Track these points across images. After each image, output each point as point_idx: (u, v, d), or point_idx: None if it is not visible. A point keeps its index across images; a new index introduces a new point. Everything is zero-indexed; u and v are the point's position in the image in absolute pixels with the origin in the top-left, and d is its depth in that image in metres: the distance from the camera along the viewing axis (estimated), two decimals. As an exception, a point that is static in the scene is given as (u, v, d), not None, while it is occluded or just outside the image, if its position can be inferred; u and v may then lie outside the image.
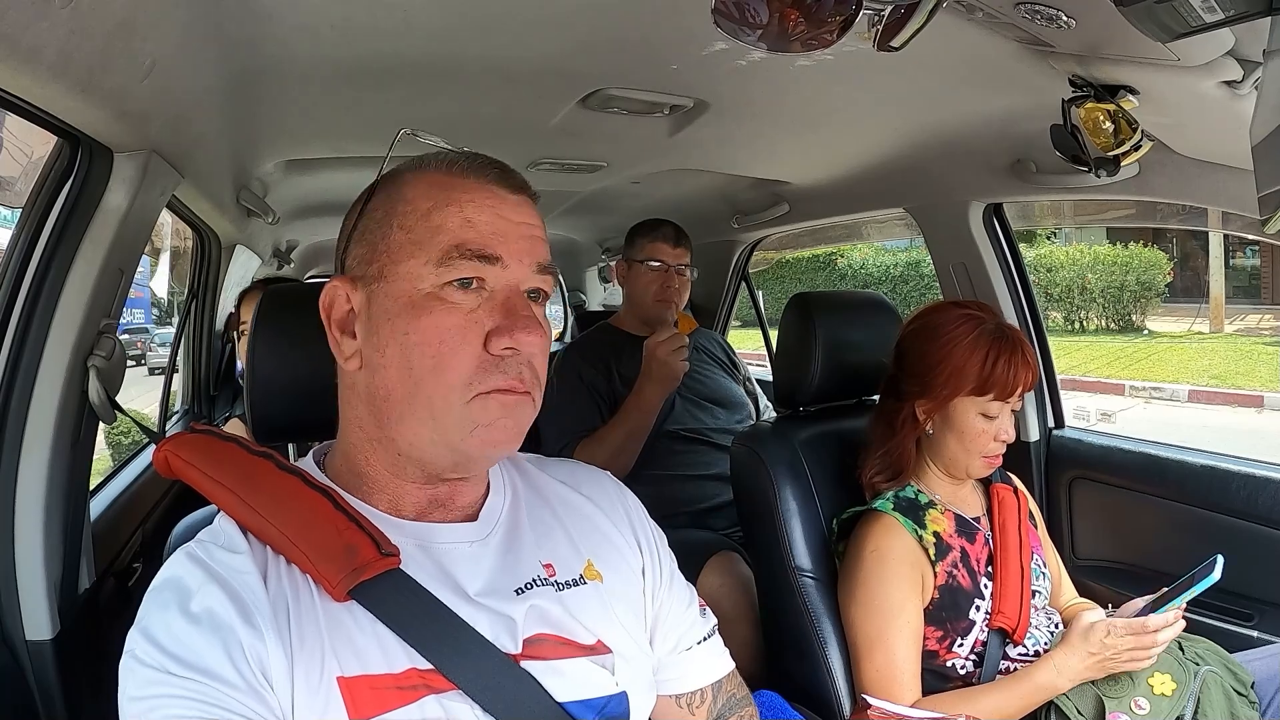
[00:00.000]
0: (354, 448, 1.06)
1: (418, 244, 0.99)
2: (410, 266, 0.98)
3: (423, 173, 1.04)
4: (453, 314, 0.97)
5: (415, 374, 0.97)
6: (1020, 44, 1.57)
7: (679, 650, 1.21)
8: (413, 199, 1.02)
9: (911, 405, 1.86)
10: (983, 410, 1.79)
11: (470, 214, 0.99)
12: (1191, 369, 12.62)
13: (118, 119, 1.53)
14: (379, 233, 1.02)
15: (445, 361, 0.96)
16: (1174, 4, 1.04)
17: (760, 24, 1.04)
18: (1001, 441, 1.82)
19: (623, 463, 2.50)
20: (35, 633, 1.61)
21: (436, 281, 0.97)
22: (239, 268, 3.87)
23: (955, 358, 1.79)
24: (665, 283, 2.83)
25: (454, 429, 0.97)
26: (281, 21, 1.59)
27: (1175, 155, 1.93)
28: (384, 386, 1.00)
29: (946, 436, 1.84)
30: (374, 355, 1.00)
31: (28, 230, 1.62)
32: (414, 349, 0.97)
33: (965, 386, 1.78)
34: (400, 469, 1.04)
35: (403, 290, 0.99)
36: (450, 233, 0.98)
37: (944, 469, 1.87)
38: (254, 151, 2.60)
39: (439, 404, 0.97)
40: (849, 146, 2.65)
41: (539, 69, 1.94)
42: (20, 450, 1.61)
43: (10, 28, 1.06)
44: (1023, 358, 1.78)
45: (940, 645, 1.76)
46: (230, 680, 0.87)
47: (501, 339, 0.97)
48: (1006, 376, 1.76)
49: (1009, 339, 1.79)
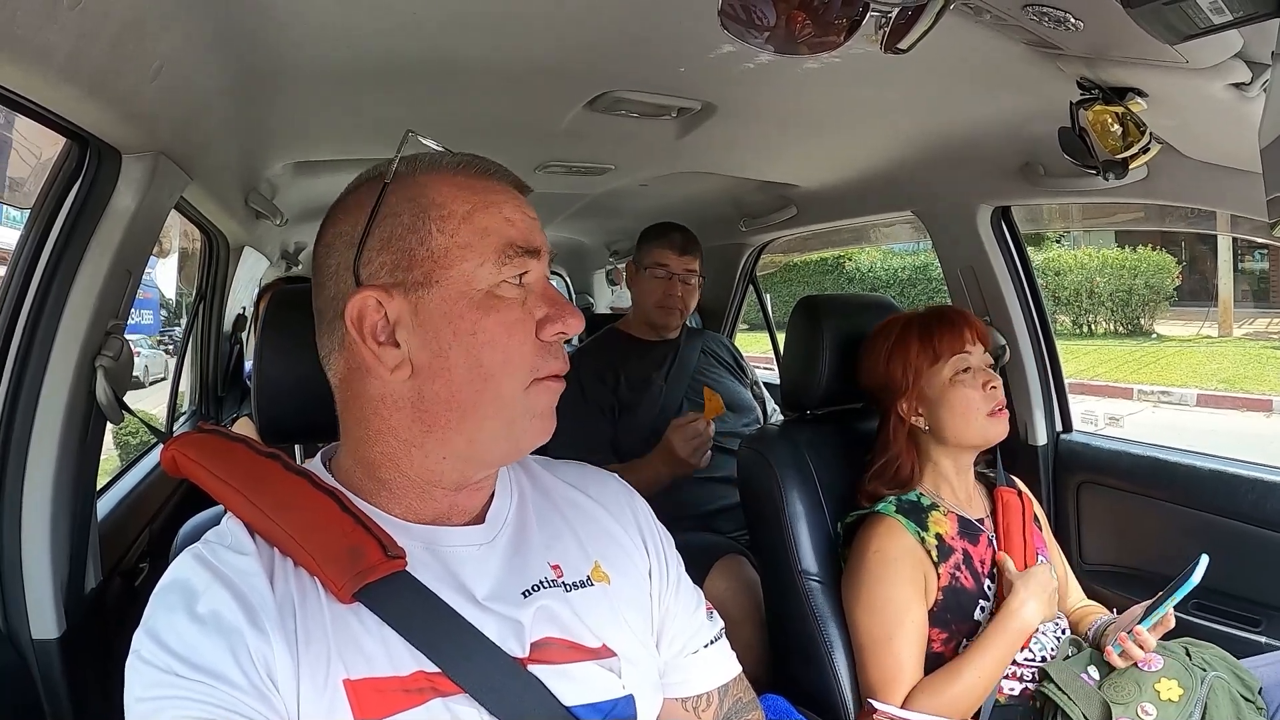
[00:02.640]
0: (381, 456, 1.04)
1: (467, 246, 0.99)
2: (465, 269, 0.99)
3: (439, 175, 1.04)
4: (512, 309, 1.00)
5: (486, 370, 0.99)
6: (1028, 46, 1.56)
7: (685, 653, 1.21)
8: (444, 202, 1.01)
9: (895, 411, 1.92)
10: (953, 370, 1.86)
11: (508, 213, 1.02)
12: (1200, 373, 12.58)
13: (126, 120, 1.54)
14: (413, 238, 1.00)
15: (513, 354, 0.99)
16: (1182, 6, 1.03)
17: (767, 26, 1.04)
18: (992, 389, 1.86)
19: None
20: (42, 631, 1.61)
21: (494, 280, 0.99)
22: (247, 269, 3.88)
23: (897, 348, 1.91)
24: (669, 290, 2.85)
25: (519, 418, 1.01)
26: (290, 24, 1.59)
27: (1183, 158, 1.92)
28: (445, 389, 0.99)
29: (940, 415, 1.87)
30: (432, 360, 0.99)
31: (36, 231, 1.62)
32: (484, 347, 0.98)
33: (921, 362, 1.88)
34: (434, 474, 1.04)
35: (461, 292, 0.99)
36: (498, 233, 1.00)
37: (957, 448, 1.90)
38: (262, 153, 2.60)
39: (507, 395, 1.00)
40: (857, 149, 2.64)
41: (547, 71, 1.94)
42: (28, 449, 1.61)
43: (20, 29, 1.07)
44: (956, 314, 1.92)
45: (945, 647, 1.76)
46: (235, 682, 0.87)
47: (554, 325, 1.02)
48: (947, 332, 1.88)
49: (934, 309, 1.95)
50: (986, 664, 1.70)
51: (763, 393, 3.14)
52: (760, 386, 3.16)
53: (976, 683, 1.69)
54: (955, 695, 1.69)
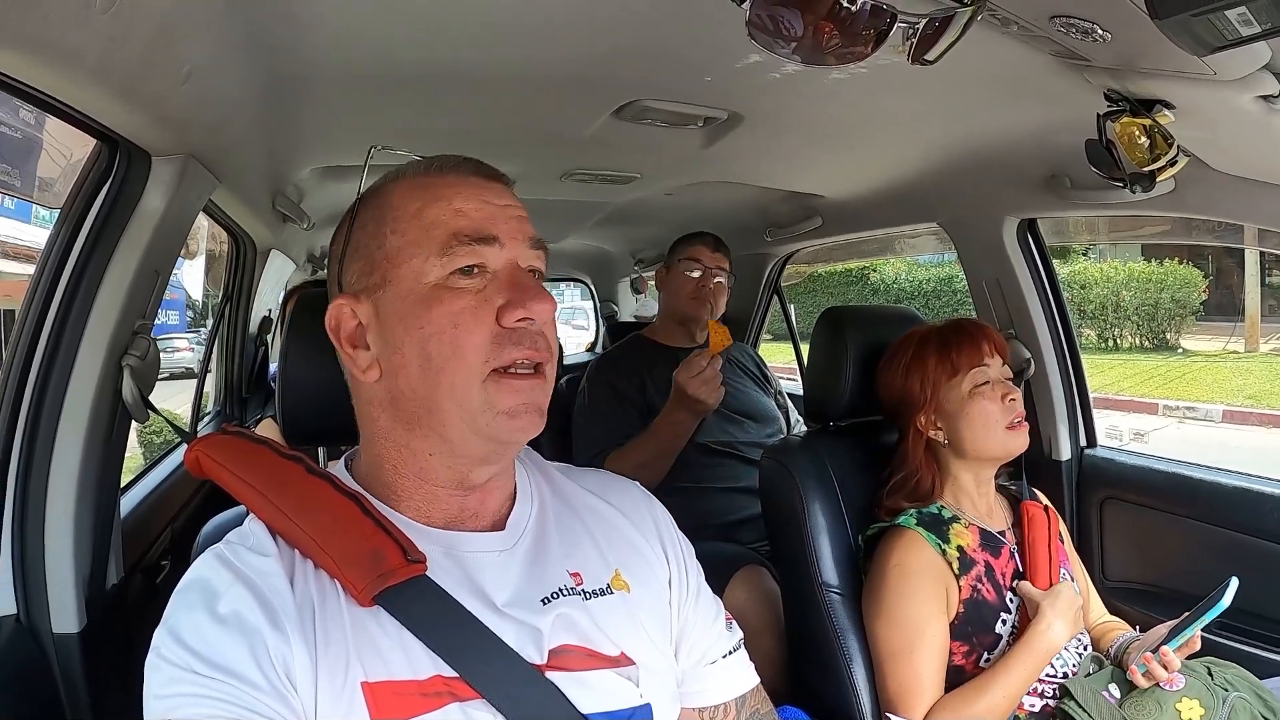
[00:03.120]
0: (380, 459, 1.07)
1: (415, 243, 1.02)
2: (413, 265, 1.01)
3: (402, 179, 1.08)
4: (462, 297, 1.00)
5: (435, 363, 0.99)
6: (1055, 57, 1.55)
7: (704, 663, 1.21)
8: (399, 204, 1.05)
9: (913, 424, 1.91)
10: (972, 385, 1.85)
11: (459, 204, 1.03)
12: (1226, 388, 12.45)
13: (156, 123, 1.55)
14: (373, 243, 1.05)
15: (462, 343, 0.98)
16: (1210, 18, 1.03)
17: (795, 37, 1.05)
18: (1011, 401, 1.85)
19: (650, 476, 2.48)
20: (63, 625, 1.63)
21: (441, 273, 1.00)
22: (273, 272, 3.91)
23: (915, 361, 1.91)
24: (701, 283, 2.87)
25: (478, 412, 0.99)
26: (319, 30, 1.60)
27: (1211, 171, 1.90)
28: (406, 386, 1.01)
29: (958, 429, 1.86)
30: (391, 358, 1.02)
31: (65, 231, 1.64)
32: (430, 339, 0.99)
33: (941, 374, 1.87)
34: (430, 474, 1.05)
35: (410, 289, 1.01)
36: (444, 225, 1.01)
37: (977, 461, 1.88)
38: (289, 158, 2.62)
39: (460, 387, 0.99)
40: (883, 160, 2.64)
41: (574, 80, 1.94)
42: (53, 446, 1.63)
43: (52, 32, 1.08)
44: (974, 325, 1.90)
45: (967, 660, 1.75)
46: (254, 681, 0.88)
47: (515, 311, 0.99)
48: (965, 345, 1.87)
49: (951, 323, 1.93)
50: (1011, 683, 1.69)
51: (786, 403, 3.14)
52: (784, 396, 3.15)
53: (1000, 701, 1.68)
54: (977, 714, 1.67)
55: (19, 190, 2.56)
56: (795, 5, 1.01)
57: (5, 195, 4.96)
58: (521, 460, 1.19)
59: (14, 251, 6.25)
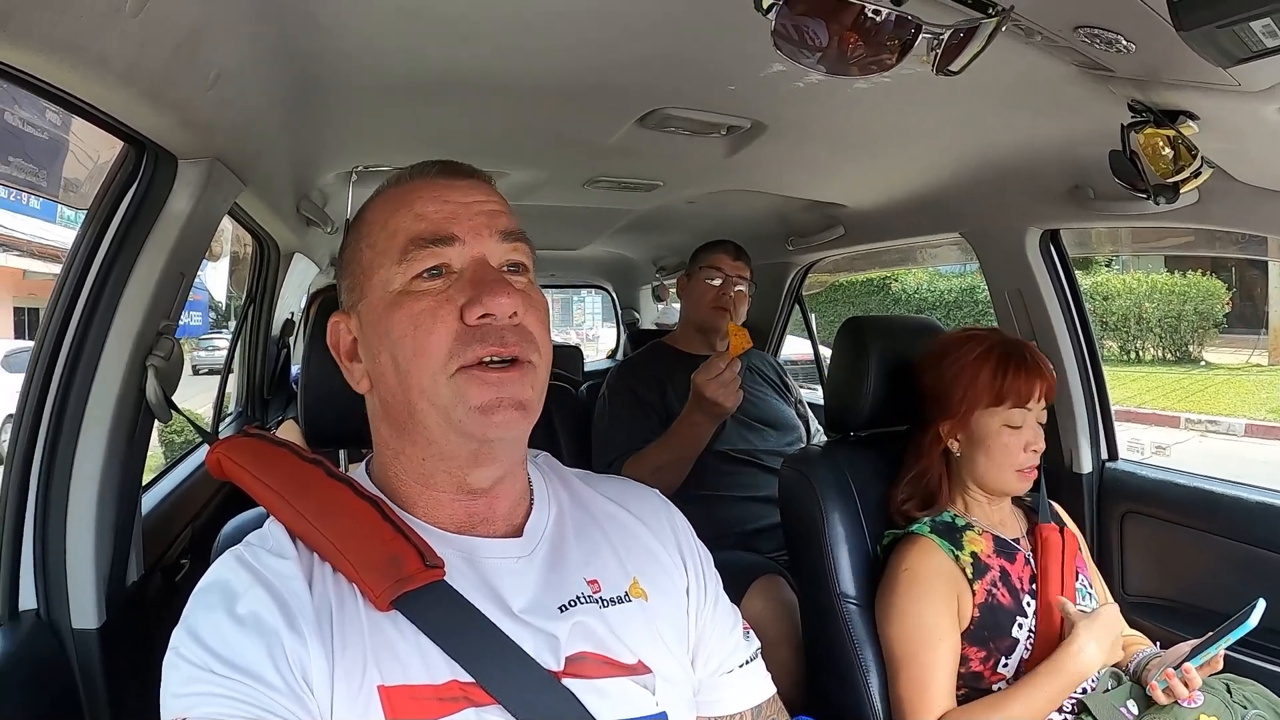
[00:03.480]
0: (386, 467, 1.09)
1: (382, 253, 1.04)
2: (380, 276, 1.03)
3: (379, 194, 1.11)
4: (422, 299, 1.00)
5: (402, 365, 1.00)
6: (1079, 68, 1.55)
7: (720, 672, 1.20)
8: (372, 218, 1.08)
9: (935, 427, 1.89)
10: (1005, 421, 1.82)
11: (420, 209, 1.04)
12: (1249, 402, 12.34)
13: (183, 127, 1.57)
14: (354, 260, 1.09)
15: (422, 342, 0.99)
16: (1235, 29, 1.03)
17: (819, 47, 1.05)
18: (1033, 451, 1.82)
19: (667, 480, 2.47)
20: (82, 621, 1.65)
21: (404, 279, 1.01)
22: (297, 275, 3.94)
23: (967, 371, 1.84)
24: (722, 291, 2.86)
25: (452, 408, 0.99)
26: (345, 36, 1.62)
27: (1236, 182, 1.89)
28: (388, 393, 1.04)
29: (975, 454, 1.85)
30: (373, 368, 1.05)
31: (92, 232, 1.66)
32: (397, 345, 1.00)
33: (982, 398, 1.82)
34: (429, 479, 1.06)
35: (379, 299, 1.03)
36: (404, 231, 1.03)
37: (981, 489, 1.87)
38: (315, 162, 2.64)
39: (429, 387, 0.99)
40: (906, 170, 2.63)
41: (598, 88, 1.95)
42: (77, 443, 1.65)
43: (82, 36, 1.10)
44: (1034, 363, 1.83)
45: (985, 666, 1.74)
46: (271, 682, 0.88)
47: (474, 308, 0.98)
48: (1019, 382, 1.80)
49: (1017, 348, 1.85)
50: (1036, 702, 1.67)
51: (806, 412, 3.13)
52: (804, 406, 3.15)
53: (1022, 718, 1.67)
54: None
55: (45, 190, 2.59)
56: (820, 15, 1.01)
57: (31, 195, 5.02)
58: (539, 467, 1.20)
59: (39, 251, 6.31)
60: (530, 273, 1.08)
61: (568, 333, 20.40)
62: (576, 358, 5.71)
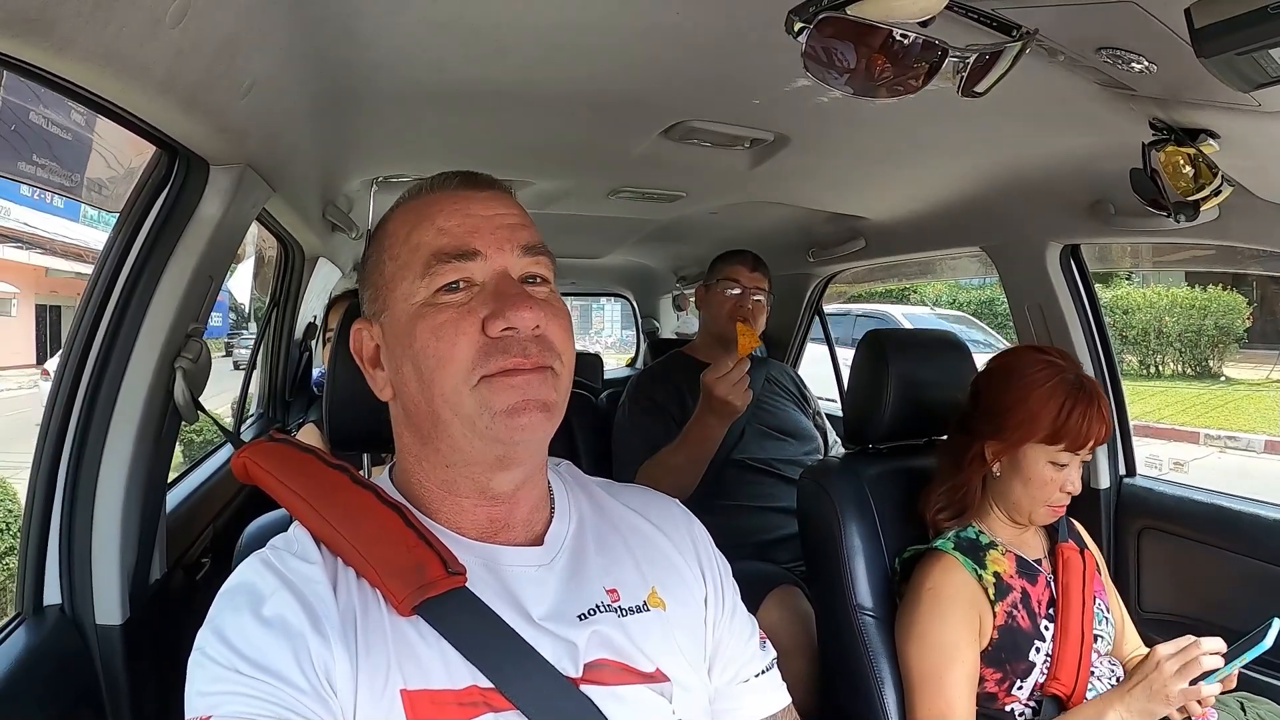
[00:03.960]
0: (408, 473, 1.11)
1: (405, 266, 1.05)
2: (404, 289, 1.05)
3: (400, 206, 1.12)
4: (444, 311, 1.01)
5: (425, 375, 1.01)
6: (1101, 86, 1.56)
7: (737, 681, 1.21)
8: (394, 230, 1.09)
9: (981, 445, 1.85)
10: (1052, 459, 1.77)
11: (441, 222, 1.05)
12: (1270, 418, 12.19)
13: (217, 134, 1.60)
14: (376, 271, 1.10)
15: (445, 354, 1.00)
16: (1255, 56, 1.04)
17: (848, 69, 1.06)
18: (1067, 493, 1.80)
19: (681, 483, 2.47)
20: (105, 617, 1.67)
21: (426, 293, 1.02)
22: (320, 279, 3.97)
23: (1031, 403, 1.77)
24: (740, 302, 2.84)
25: (477, 417, 0.99)
26: (377, 46, 1.64)
27: (1257, 200, 1.89)
28: (411, 403, 1.05)
29: (1013, 481, 1.81)
30: (397, 378, 1.07)
31: (124, 235, 1.68)
32: (419, 355, 1.01)
33: (1038, 433, 1.76)
34: (452, 485, 1.07)
35: (402, 311, 1.04)
36: (427, 245, 1.04)
37: (1007, 513, 1.85)
38: (342, 169, 2.67)
39: (451, 397, 1.00)
40: (928, 184, 2.64)
41: (624, 100, 1.97)
42: (105, 442, 1.67)
43: (124, 46, 1.12)
44: (1098, 410, 1.75)
45: (1000, 688, 1.74)
46: (296, 683, 0.90)
47: (497, 321, 0.99)
48: (1080, 428, 1.74)
49: (1086, 390, 1.77)
50: None
51: (824, 423, 3.12)
52: (822, 417, 3.14)
53: None
54: None
55: (72, 192, 2.62)
56: (849, 38, 1.02)
57: (57, 195, 5.07)
58: (561, 475, 1.21)
59: (62, 249, 6.38)
60: (551, 283, 1.09)
61: (585, 341, 20.40)
62: (596, 366, 5.73)
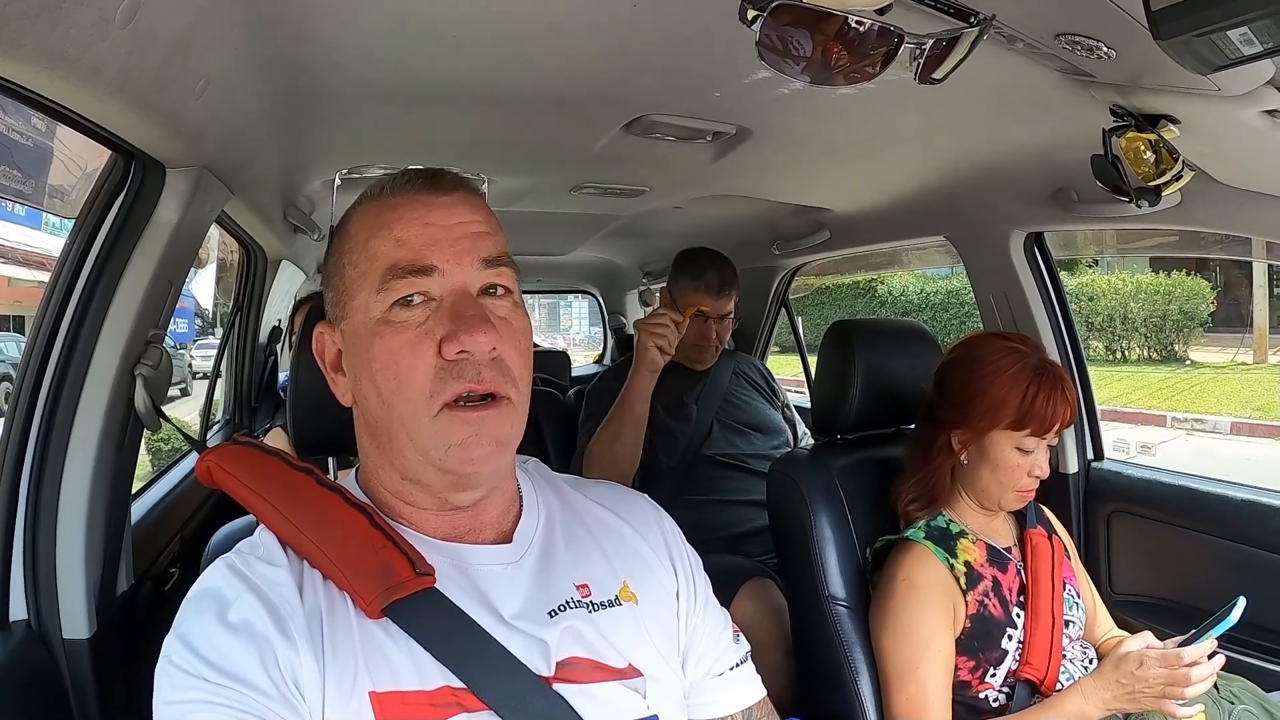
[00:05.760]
0: (369, 476, 1.10)
1: (363, 275, 1.03)
2: (361, 299, 1.03)
3: (361, 205, 1.09)
4: (402, 332, 0.99)
5: (385, 397, 1.00)
6: (1061, 74, 1.57)
7: (711, 675, 1.21)
8: (354, 233, 1.07)
9: (948, 433, 1.85)
10: (1018, 444, 1.78)
11: (399, 233, 1.02)
12: (1234, 400, 12.39)
13: (172, 136, 1.57)
14: (337, 274, 1.08)
15: (404, 378, 0.99)
16: (1212, 38, 1.05)
17: (804, 57, 1.05)
18: (1035, 477, 1.80)
19: (627, 453, 2.48)
20: (73, 631, 1.64)
21: (382, 307, 1.01)
22: (284, 282, 3.94)
23: (995, 389, 1.77)
24: (704, 333, 2.80)
25: (431, 448, 0.99)
26: (334, 44, 1.62)
27: (1217, 184, 1.91)
28: (371, 415, 1.04)
29: (980, 468, 1.82)
30: (356, 388, 1.06)
31: (80, 241, 1.66)
32: (378, 374, 1.00)
33: (1003, 419, 1.76)
34: (410, 497, 1.06)
35: (360, 323, 1.03)
36: (384, 257, 1.01)
37: (976, 500, 1.86)
38: (302, 169, 2.65)
39: (410, 423, 0.99)
40: (890, 175, 2.65)
41: (585, 95, 1.96)
42: (66, 453, 1.65)
43: (72, 47, 1.10)
44: (1062, 394, 1.76)
45: (973, 676, 1.74)
46: (263, 688, 0.89)
47: (451, 344, 0.98)
48: (1045, 412, 1.74)
49: (1050, 374, 1.77)
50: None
51: (793, 415, 3.13)
52: (791, 410, 3.15)
53: None
54: None
55: (32, 199, 2.59)
56: (804, 26, 1.01)
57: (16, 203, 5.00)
58: (529, 473, 1.20)
59: (25, 258, 6.29)
60: (514, 294, 1.07)
61: (554, 338, 20.37)
62: (563, 363, 5.72)
